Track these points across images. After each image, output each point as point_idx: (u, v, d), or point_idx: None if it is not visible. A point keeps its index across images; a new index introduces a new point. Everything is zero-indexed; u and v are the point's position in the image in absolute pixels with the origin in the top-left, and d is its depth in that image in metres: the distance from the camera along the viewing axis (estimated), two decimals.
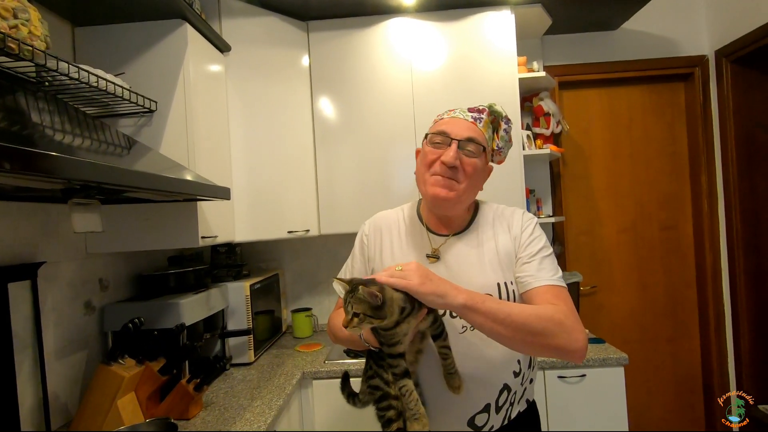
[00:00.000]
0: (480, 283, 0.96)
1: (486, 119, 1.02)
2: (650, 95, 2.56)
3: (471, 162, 0.98)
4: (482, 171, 1.02)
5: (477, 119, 1.01)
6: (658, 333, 2.55)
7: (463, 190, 0.99)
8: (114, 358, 1.31)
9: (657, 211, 2.56)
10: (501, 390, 0.98)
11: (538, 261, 0.97)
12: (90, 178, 0.82)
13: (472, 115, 1.01)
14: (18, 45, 0.94)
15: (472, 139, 0.98)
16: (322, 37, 2.12)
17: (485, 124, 1.01)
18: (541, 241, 1.01)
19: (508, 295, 0.97)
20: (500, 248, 1.01)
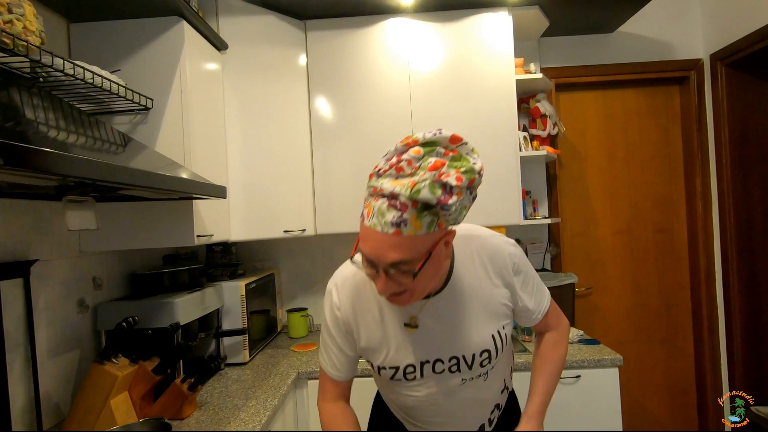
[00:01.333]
0: (475, 341, 0.92)
1: (413, 215, 0.73)
2: (646, 98, 2.58)
3: (412, 279, 0.78)
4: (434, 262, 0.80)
5: (399, 223, 0.73)
6: (652, 334, 2.57)
7: (419, 292, 0.83)
8: (107, 357, 1.30)
9: (651, 213, 2.58)
10: (492, 411, 1.03)
11: (535, 294, 0.99)
12: (85, 175, 0.81)
13: (392, 219, 0.73)
14: (12, 40, 0.93)
15: (397, 264, 0.76)
16: (320, 36, 2.11)
17: (414, 220, 0.73)
18: (529, 271, 0.98)
19: (502, 341, 0.95)
20: (490, 297, 0.93)
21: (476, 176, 0.76)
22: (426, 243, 0.77)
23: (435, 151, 0.76)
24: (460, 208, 0.75)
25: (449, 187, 0.73)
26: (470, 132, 2.07)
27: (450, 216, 0.75)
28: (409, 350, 0.94)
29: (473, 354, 0.93)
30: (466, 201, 0.77)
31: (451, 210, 0.74)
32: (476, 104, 2.08)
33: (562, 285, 2.16)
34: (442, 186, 0.73)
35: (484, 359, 0.94)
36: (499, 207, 2.06)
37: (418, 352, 0.93)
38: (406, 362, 0.94)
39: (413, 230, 0.74)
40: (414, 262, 0.77)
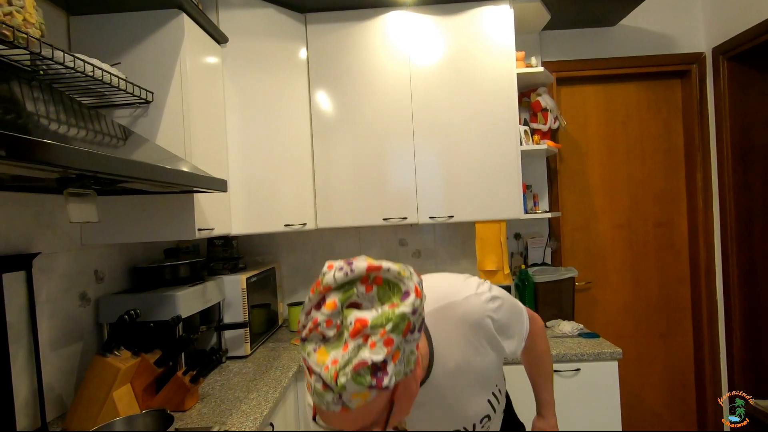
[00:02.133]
0: (474, 412, 0.92)
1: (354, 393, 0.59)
2: (647, 92, 2.57)
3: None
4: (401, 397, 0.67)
5: (343, 403, 0.60)
6: (652, 328, 2.57)
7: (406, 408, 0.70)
8: (110, 349, 1.30)
9: (652, 208, 2.58)
10: (481, 419, 0.98)
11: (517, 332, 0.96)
12: (86, 167, 0.81)
13: (333, 402, 0.60)
14: (12, 32, 0.93)
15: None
16: (320, 29, 2.11)
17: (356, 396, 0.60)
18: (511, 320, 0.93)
19: (499, 402, 0.97)
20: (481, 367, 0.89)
21: (410, 320, 0.61)
22: (384, 396, 0.63)
23: (354, 293, 0.62)
24: (405, 361, 0.63)
25: (378, 364, 0.59)
26: (471, 126, 2.09)
27: (400, 377, 0.63)
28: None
29: (474, 424, 0.95)
30: (411, 348, 0.64)
31: (393, 376, 0.61)
32: (477, 98, 2.08)
33: (562, 279, 2.17)
34: (369, 371, 0.59)
35: (485, 422, 0.96)
36: (499, 201, 2.06)
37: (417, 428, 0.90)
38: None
39: (361, 401, 0.61)
40: (379, 423, 0.66)
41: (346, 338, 0.59)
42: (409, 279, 0.63)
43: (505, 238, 2.17)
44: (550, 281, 2.16)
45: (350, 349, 0.59)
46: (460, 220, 2.10)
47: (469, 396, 0.90)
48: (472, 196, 2.07)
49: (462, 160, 2.09)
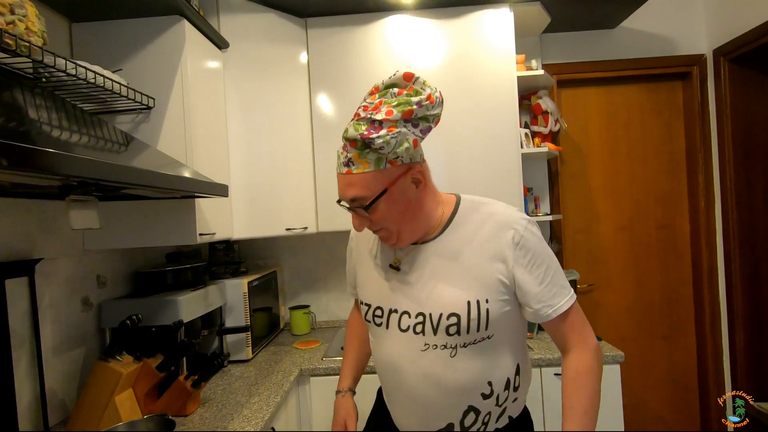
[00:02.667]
0: (446, 300, 0.88)
1: (355, 153, 0.83)
2: (648, 94, 2.56)
3: (376, 215, 0.87)
4: (399, 202, 0.86)
5: (348, 163, 0.84)
6: (654, 330, 2.56)
7: (399, 230, 0.89)
8: (112, 354, 1.31)
9: (654, 210, 2.57)
10: (466, 411, 0.91)
11: (547, 285, 0.88)
12: (88, 175, 0.82)
13: (343, 160, 0.85)
14: (15, 41, 0.94)
15: (354, 200, 0.86)
16: (321, 33, 2.11)
17: (358, 159, 0.83)
18: (545, 258, 0.89)
19: (479, 315, 0.87)
20: (480, 264, 0.88)
21: (413, 107, 0.80)
22: (380, 179, 0.84)
23: (389, 92, 0.83)
24: (396, 142, 0.81)
25: (376, 122, 0.80)
26: (472, 129, 2.09)
27: (389, 150, 0.81)
28: (383, 292, 0.96)
29: (440, 314, 0.88)
30: (406, 134, 0.82)
31: (382, 143, 0.80)
32: (477, 101, 2.08)
33: None
34: (368, 122, 0.81)
35: (451, 325, 0.87)
36: None
37: (389, 297, 0.95)
38: (377, 303, 0.97)
39: (362, 168, 0.83)
40: (368, 198, 0.84)
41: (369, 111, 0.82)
42: (430, 89, 0.84)
43: None
44: None
45: (364, 114, 0.82)
46: None
47: (453, 281, 0.89)
48: None
49: (463, 162, 2.09)
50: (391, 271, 0.95)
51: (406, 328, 0.91)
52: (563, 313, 0.89)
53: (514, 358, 0.94)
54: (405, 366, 0.92)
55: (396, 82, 0.84)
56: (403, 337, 0.92)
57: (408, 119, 0.81)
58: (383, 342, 0.96)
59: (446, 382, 0.90)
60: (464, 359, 0.89)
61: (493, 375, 0.91)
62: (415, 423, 0.96)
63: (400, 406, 0.99)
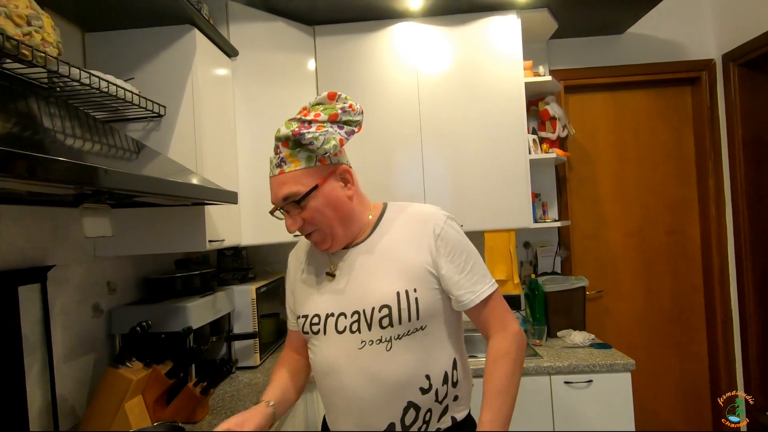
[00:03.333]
0: (377, 294, 0.92)
1: (286, 153, 0.91)
2: (657, 99, 2.55)
3: (308, 210, 0.91)
4: (329, 199, 0.92)
5: (281, 163, 0.91)
6: (665, 338, 2.53)
7: (332, 231, 0.94)
8: (122, 360, 1.32)
9: (663, 215, 2.55)
10: (405, 408, 0.91)
11: (468, 273, 0.93)
12: (103, 185, 0.83)
13: (276, 162, 0.93)
14: (31, 52, 0.95)
15: (287, 197, 0.91)
16: (329, 41, 2.13)
17: (289, 157, 0.91)
18: (464, 248, 0.95)
19: (409, 305, 0.90)
20: (407, 257, 0.94)
21: (338, 111, 0.91)
22: (311, 176, 0.91)
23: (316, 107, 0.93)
24: (324, 139, 0.89)
25: (306, 121, 0.90)
26: (479, 135, 2.09)
27: (318, 146, 0.89)
28: (320, 300, 0.98)
29: (372, 308, 0.91)
30: (333, 133, 0.91)
31: (311, 138, 0.88)
32: (485, 107, 2.08)
33: (573, 288, 2.15)
34: (299, 121, 0.90)
35: (384, 317, 0.90)
36: (508, 210, 2.06)
37: (326, 303, 0.97)
38: (314, 311, 0.98)
39: (293, 166, 0.91)
40: (300, 193, 0.90)
41: None
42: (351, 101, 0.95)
43: (514, 247, 2.16)
44: (560, 290, 2.14)
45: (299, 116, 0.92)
46: (469, 229, 2.07)
47: (382, 276, 0.94)
48: (481, 205, 2.07)
49: (471, 169, 2.09)
50: (327, 278, 0.99)
51: (343, 329, 0.93)
52: (484, 299, 0.94)
53: (450, 352, 0.96)
54: (343, 367, 0.92)
55: (321, 101, 0.94)
56: (340, 338, 0.93)
57: (334, 121, 0.92)
58: (321, 348, 0.96)
59: (384, 376, 0.90)
60: (400, 352, 0.90)
61: (429, 368, 0.92)
62: (355, 428, 0.94)
63: (339, 412, 0.96)
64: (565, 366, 1.76)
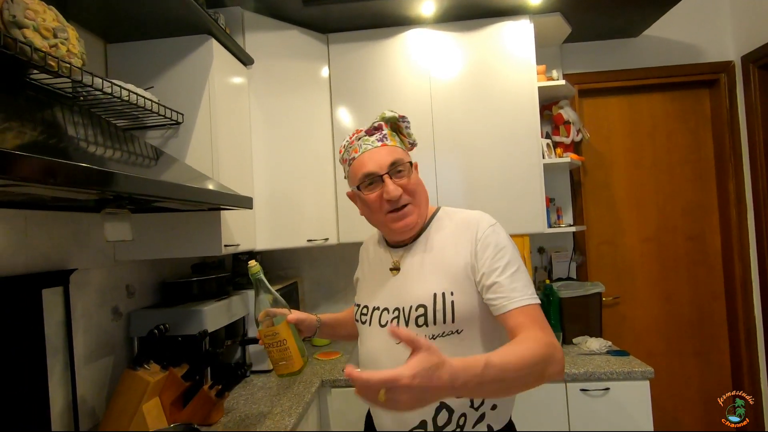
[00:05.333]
0: (416, 294, 0.95)
1: (388, 132, 1.03)
2: (673, 102, 2.51)
3: (409, 181, 0.99)
4: (418, 179, 1.04)
5: (382, 138, 1.01)
6: (684, 346, 2.47)
7: (419, 207, 1.01)
8: (140, 363, 1.34)
9: (681, 221, 2.50)
10: (438, 408, 0.91)
11: (508, 279, 0.89)
12: (125, 190, 0.86)
13: (376, 138, 1.01)
14: (57, 63, 0.99)
15: (395, 163, 0.98)
16: (342, 49, 2.16)
17: (390, 136, 1.02)
18: (506, 253, 0.92)
19: (444, 306, 0.92)
20: (450, 259, 0.96)
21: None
22: (406, 155, 1.02)
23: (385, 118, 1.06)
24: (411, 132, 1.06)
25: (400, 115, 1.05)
26: (492, 140, 2.09)
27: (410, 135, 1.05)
28: (370, 293, 1.06)
29: (410, 306, 0.95)
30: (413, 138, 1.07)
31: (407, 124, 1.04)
32: (498, 112, 2.08)
33: (589, 294, 2.12)
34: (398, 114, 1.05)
35: (419, 317, 0.93)
36: (522, 215, 2.04)
37: (376, 297, 1.03)
38: (365, 302, 1.06)
39: (392, 143, 1.01)
40: (405, 162, 1.00)
41: None
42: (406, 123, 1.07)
43: (528, 252, 2.14)
44: (575, 296, 2.11)
45: None
46: None
47: (425, 276, 0.97)
48: (495, 211, 1.99)
49: (484, 174, 2.08)
50: (392, 272, 1.03)
51: (385, 324, 0.98)
52: (522, 309, 0.85)
53: None
54: (382, 360, 0.96)
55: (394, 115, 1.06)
56: (382, 332, 0.98)
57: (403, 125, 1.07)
58: (366, 339, 1.04)
59: None
60: None
61: None
62: (391, 419, 0.98)
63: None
64: (582, 373, 1.73)
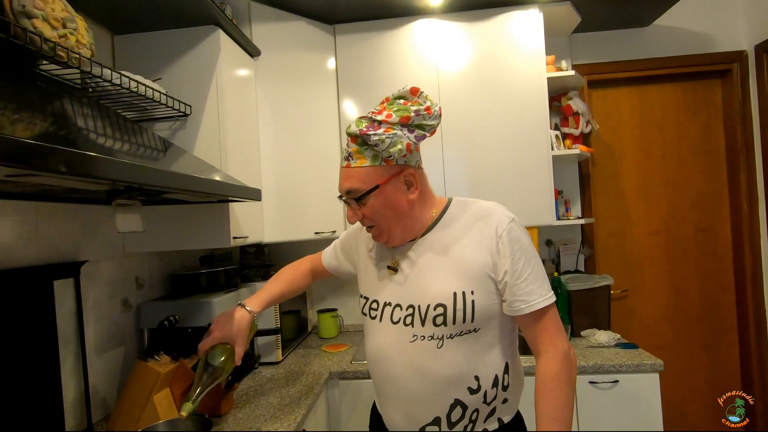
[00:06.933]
0: (435, 291, 0.92)
1: (354, 148, 0.92)
2: (684, 93, 2.48)
3: (368, 207, 0.94)
4: (389, 200, 0.93)
5: (348, 157, 0.93)
6: (693, 339, 2.46)
7: (389, 230, 0.97)
8: (150, 354, 1.35)
9: (691, 213, 2.47)
10: (452, 405, 0.92)
11: (524, 281, 0.90)
12: (137, 181, 0.85)
13: (344, 157, 0.95)
14: (66, 53, 0.99)
15: (349, 192, 0.94)
16: (349, 40, 2.14)
17: (357, 154, 0.92)
18: (524, 252, 0.91)
19: (464, 306, 0.90)
20: (467, 257, 0.92)
21: (411, 114, 0.89)
22: (374, 175, 0.92)
23: (396, 102, 0.93)
24: (391, 142, 0.89)
25: (376, 121, 0.90)
26: (501, 131, 2.07)
27: (383, 148, 0.89)
28: (380, 287, 1.02)
29: (428, 305, 0.92)
30: (401, 137, 0.90)
31: (377, 140, 0.88)
32: (506, 103, 2.06)
33: (597, 287, 2.11)
34: (369, 120, 0.90)
35: (438, 316, 0.91)
36: (530, 207, 2.03)
37: (385, 291, 1.00)
38: (374, 296, 1.02)
39: (359, 162, 0.92)
40: (360, 190, 0.92)
41: None
42: (430, 102, 0.93)
43: (536, 245, 2.13)
44: (584, 289, 2.10)
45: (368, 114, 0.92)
46: None
47: (441, 275, 0.94)
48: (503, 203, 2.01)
49: (492, 166, 2.06)
50: (389, 272, 1.00)
51: (397, 320, 0.95)
52: (537, 312, 0.90)
53: (502, 356, 0.95)
54: (394, 357, 0.95)
55: (404, 95, 0.93)
56: (393, 329, 0.96)
57: (405, 124, 0.90)
58: (375, 334, 1.01)
59: (432, 372, 0.91)
60: (450, 350, 0.91)
61: (479, 369, 0.92)
62: (403, 416, 0.97)
63: (389, 399, 1.00)
64: (590, 366, 1.72)
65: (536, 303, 0.90)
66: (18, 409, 1.08)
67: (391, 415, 1.01)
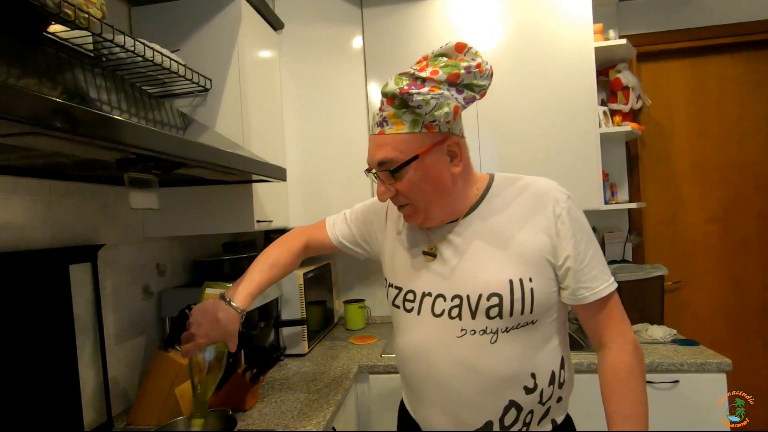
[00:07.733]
0: (486, 279, 0.80)
1: (390, 111, 0.78)
2: (746, 65, 2.24)
3: (403, 182, 0.80)
4: (430, 173, 0.80)
5: (382, 122, 0.79)
6: (754, 336, 2.24)
7: (426, 208, 0.83)
8: (172, 344, 1.27)
9: (753, 197, 2.24)
10: (506, 407, 0.81)
11: (587, 265, 0.80)
12: (148, 146, 0.76)
13: (377, 123, 0.80)
14: (74, 11, 0.89)
15: (382, 163, 0.80)
16: (377, 13, 2.00)
17: (392, 118, 0.78)
18: (585, 234, 0.81)
19: (523, 295, 0.79)
20: (522, 239, 0.81)
21: (461, 71, 0.75)
22: (413, 144, 0.78)
23: (439, 59, 0.77)
24: (437, 104, 0.74)
25: (419, 79, 0.75)
26: (543, 108, 1.89)
27: (426, 111, 0.74)
28: (417, 275, 0.88)
29: (479, 295, 0.80)
30: (448, 97, 0.75)
31: (420, 101, 0.74)
32: (549, 77, 1.88)
33: (649, 278, 1.92)
34: (411, 77, 0.76)
35: (492, 307, 0.79)
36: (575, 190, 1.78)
37: (423, 280, 0.87)
38: (409, 286, 0.89)
39: (395, 129, 0.78)
40: (397, 161, 0.78)
41: None
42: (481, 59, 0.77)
43: None
44: (633, 280, 1.92)
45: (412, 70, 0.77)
46: None
47: (493, 259, 0.82)
48: None
49: (533, 146, 1.90)
50: (425, 258, 0.88)
51: (440, 313, 0.83)
52: (601, 300, 0.81)
53: (559, 350, 0.85)
54: (437, 354, 0.83)
55: (446, 52, 0.77)
56: (436, 322, 0.84)
57: (453, 83, 0.76)
58: (412, 329, 0.88)
59: (485, 371, 0.81)
60: (506, 346, 0.80)
61: (536, 366, 0.82)
62: (447, 420, 0.84)
63: (428, 401, 0.87)
64: (647, 364, 1.55)
65: (601, 290, 0.81)
66: (34, 402, 1.01)
67: (430, 418, 0.88)
